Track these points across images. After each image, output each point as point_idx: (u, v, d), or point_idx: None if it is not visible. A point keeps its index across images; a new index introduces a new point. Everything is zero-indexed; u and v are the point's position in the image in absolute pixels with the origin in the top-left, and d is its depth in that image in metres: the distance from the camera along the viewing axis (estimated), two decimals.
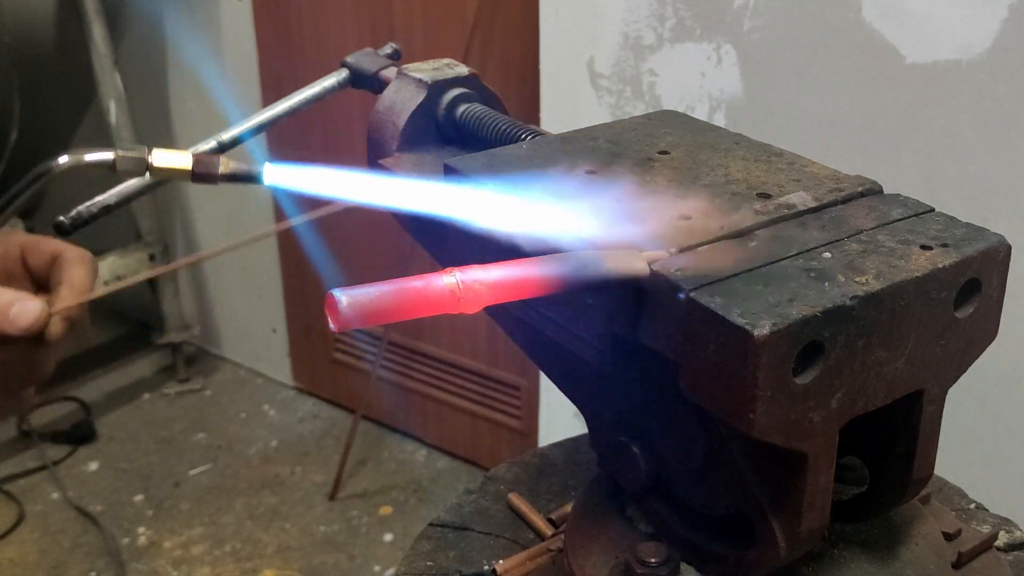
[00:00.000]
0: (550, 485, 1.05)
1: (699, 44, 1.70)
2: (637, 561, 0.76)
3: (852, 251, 0.67)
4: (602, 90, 1.83)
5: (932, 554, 0.79)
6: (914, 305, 0.65)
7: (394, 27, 2.39)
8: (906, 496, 0.75)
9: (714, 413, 0.65)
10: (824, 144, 1.62)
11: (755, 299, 0.61)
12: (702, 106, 1.73)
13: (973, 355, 0.71)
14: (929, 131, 1.52)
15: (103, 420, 2.88)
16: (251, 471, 2.65)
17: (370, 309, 0.55)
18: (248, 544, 2.42)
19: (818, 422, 0.63)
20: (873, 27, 1.52)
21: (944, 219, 0.72)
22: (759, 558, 0.70)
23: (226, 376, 3.11)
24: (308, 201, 0.78)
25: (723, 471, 0.71)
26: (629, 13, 1.75)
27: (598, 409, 0.81)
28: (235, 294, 3.06)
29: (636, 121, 0.92)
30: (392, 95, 1.00)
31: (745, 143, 0.86)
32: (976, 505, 0.99)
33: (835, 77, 1.58)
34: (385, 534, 2.45)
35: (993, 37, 1.42)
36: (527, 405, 2.47)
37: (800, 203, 0.73)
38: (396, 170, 0.95)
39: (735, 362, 0.59)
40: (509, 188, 0.73)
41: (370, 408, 2.71)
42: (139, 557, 2.38)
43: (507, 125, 0.94)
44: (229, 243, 2.20)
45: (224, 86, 2.59)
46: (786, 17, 1.60)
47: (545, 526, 0.98)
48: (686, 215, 0.73)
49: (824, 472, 0.67)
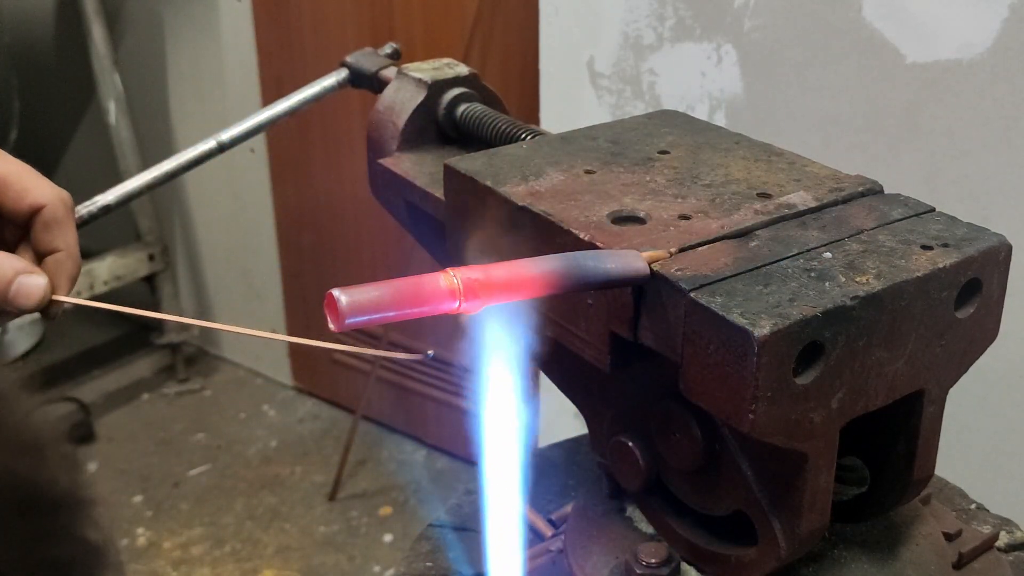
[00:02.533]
0: (550, 485, 1.05)
1: (699, 44, 1.70)
2: (637, 562, 0.75)
3: (852, 251, 0.67)
4: (602, 90, 1.83)
5: (933, 554, 0.78)
6: (915, 305, 0.64)
7: (394, 27, 2.38)
8: (907, 496, 0.75)
9: (714, 413, 0.65)
10: (824, 144, 1.61)
11: (755, 299, 0.61)
12: (702, 106, 1.73)
13: (974, 355, 0.71)
14: (930, 131, 1.51)
15: (102, 420, 2.88)
16: (251, 471, 2.65)
17: (370, 309, 0.55)
18: (248, 544, 2.41)
19: (818, 422, 0.63)
20: (874, 27, 1.52)
21: (945, 219, 0.72)
22: (759, 558, 0.70)
23: (226, 376, 3.11)
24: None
25: (723, 471, 0.71)
26: (629, 13, 1.75)
27: (598, 409, 0.81)
28: (235, 294, 3.06)
29: (636, 121, 0.91)
30: (392, 95, 1.00)
31: (745, 143, 0.86)
32: (977, 505, 0.99)
33: (835, 77, 1.58)
34: (385, 535, 2.44)
35: (994, 37, 1.42)
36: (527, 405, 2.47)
37: (800, 203, 0.73)
38: (396, 170, 0.95)
39: (735, 362, 0.59)
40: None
41: (370, 408, 2.71)
42: (138, 558, 2.38)
43: (507, 125, 0.94)
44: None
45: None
46: (786, 17, 1.60)
47: (545, 526, 0.98)
48: (686, 215, 0.73)
49: (824, 472, 0.67)
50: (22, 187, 0.71)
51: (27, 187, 0.72)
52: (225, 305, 3.11)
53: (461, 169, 0.80)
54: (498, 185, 0.77)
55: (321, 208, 2.70)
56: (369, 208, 1.05)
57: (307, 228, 2.77)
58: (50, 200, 0.72)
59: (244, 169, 2.77)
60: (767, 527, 0.68)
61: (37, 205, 0.72)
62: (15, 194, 0.71)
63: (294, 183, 2.74)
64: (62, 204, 0.73)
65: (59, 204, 0.72)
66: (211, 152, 0.99)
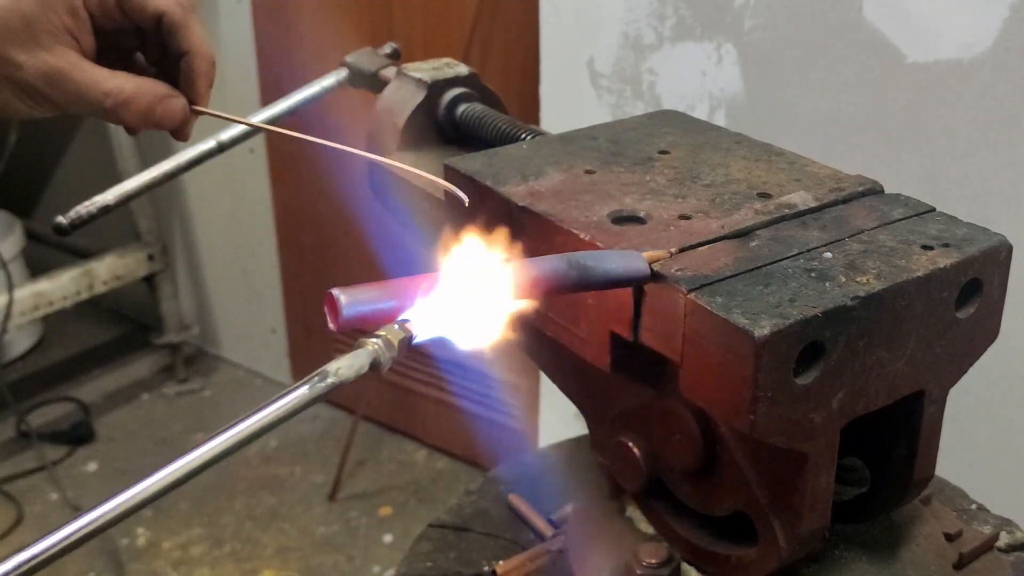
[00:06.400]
0: (550, 485, 1.05)
1: (699, 43, 1.70)
2: (637, 562, 0.75)
3: (853, 251, 0.67)
4: (602, 90, 1.83)
5: (933, 555, 0.78)
6: (915, 305, 0.64)
7: (394, 27, 2.38)
8: (907, 497, 0.75)
9: (714, 413, 0.65)
10: (825, 144, 1.61)
11: (755, 299, 0.61)
12: (702, 105, 1.73)
13: (974, 355, 0.71)
14: (930, 130, 1.51)
15: (102, 420, 2.88)
16: (250, 471, 2.65)
17: (369, 309, 0.55)
18: (247, 545, 2.41)
19: (819, 423, 0.63)
20: (874, 26, 1.52)
21: (945, 219, 0.72)
22: (760, 559, 0.70)
23: (225, 376, 3.11)
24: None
25: (723, 471, 0.71)
26: (629, 12, 1.75)
27: (598, 409, 0.81)
28: (234, 294, 3.06)
29: (636, 121, 0.91)
30: (392, 95, 1.00)
31: (746, 143, 0.86)
32: (977, 506, 0.99)
33: (836, 76, 1.57)
34: (385, 535, 2.44)
35: (994, 36, 1.42)
36: (527, 405, 2.47)
37: (801, 203, 0.73)
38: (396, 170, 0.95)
39: (735, 362, 0.59)
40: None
41: (370, 408, 2.71)
42: (138, 558, 2.37)
43: (507, 125, 0.94)
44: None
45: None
46: (787, 16, 1.59)
47: (545, 527, 0.98)
48: (686, 215, 0.72)
49: (825, 472, 0.66)
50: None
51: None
52: (225, 305, 3.10)
53: (461, 169, 0.80)
54: (498, 185, 0.77)
55: (321, 208, 2.70)
56: (369, 208, 1.05)
57: (307, 228, 2.77)
58: (168, 6, 0.75)
59: (244, 169, 2.77)
60: (767, 527, 0.68)
61: (158, 13, 0.75)
62: (137, 4, 0.75)
63: (294, 183, 2.74)
64: (179, 7, 0.76)
65: (176, 8, 0.76)
66: (210, 152, 0.99)
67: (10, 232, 2.91)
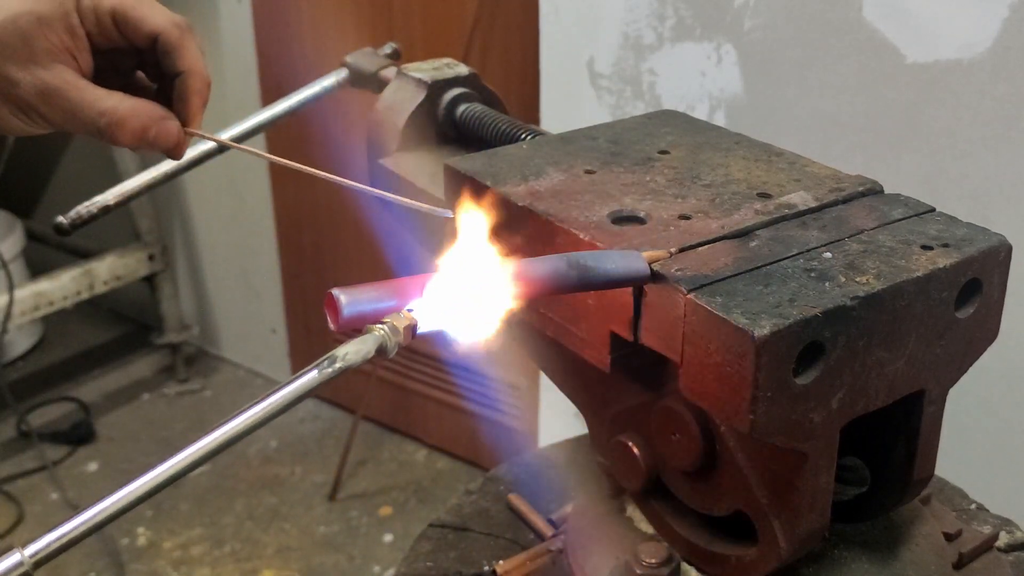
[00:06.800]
0: (550, 485, 1.05)
1: (699, 43, 1.70)
2: (637, 562, 0.75)
3: (853, 251, 0.67)
4: (602, 90, 1.83)
5: (933, 555, 0.78)
6: (915, 305, 0.64)
7: (394, 27, 2.38)
8: (907, 496, 0.75)
9: (714, 413, 0.65)
10: (825, 144, 1.61)
11: (755, 299, 0.61)
12: (702, 106, 1.73)
13: (974, 355, 0.71)
14: (930, 131, 1.51)
15: (102, 420, 2.88)
16: (251, 471, 2.65)
17: (370, 309, 0.55)
18: (248, 545, 2.41)
19: (818, 422, 0.63)
20: (874, 26, 1.52)
21: (945, 219, 0.72)
22: (760, 558, 0.70)
23: (225, 376, 3.11)
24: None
25: (723, 471, 0.71)
26: (629, 12, 1.75)
27: (598, 409, 0.81)
28: (234, 294, 3.06)
29: (636, 121, 0.91)
30: (392, 95, 1.00)
31: (745, 143, 0.86)
32: (977, 506, 0.99)
33: (836, 76, 1.57)
34: (385, 535, 2.44)
35: (994, 36, 1.42)
36: (527, 405, 2.47)
37: (801, 203, 0.73)
38: (396, 170, 0.95)
39: (735, 362, 0.59)
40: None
41: (370, 408, 2.71)
42: (138, 558, 2.37)
43: (507, 125, 0.94)
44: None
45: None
46: (787, 16, 1.60)
47: (545, 526, 0.98)
48: (686, 215, 0.73)
49: (824, 472, 0.67)
50: (138, 17, 0.75)
51: (142, 16, 0.75)
52: (225, 305, 3.11)
53: (461, 169, 0.80)
54: (498, 185, 0.77)
55: (321, 208, 2.70)
56: (369, 208, 1.05)
57: (307, 228, 2.77)
58: (164, 27, 0.75)
59: (244, 169, 2.77)
60: (767, 527, 0.68)
61: (153, 33, 0.75)
62: (133, 25, 0.75)
63: (294, 183, 2.74)
64: (175, 28, 0.76)
65: (172, 29, 0.76)
66: (211, 152, 0.99)
67: (10, 232, 2.92)
